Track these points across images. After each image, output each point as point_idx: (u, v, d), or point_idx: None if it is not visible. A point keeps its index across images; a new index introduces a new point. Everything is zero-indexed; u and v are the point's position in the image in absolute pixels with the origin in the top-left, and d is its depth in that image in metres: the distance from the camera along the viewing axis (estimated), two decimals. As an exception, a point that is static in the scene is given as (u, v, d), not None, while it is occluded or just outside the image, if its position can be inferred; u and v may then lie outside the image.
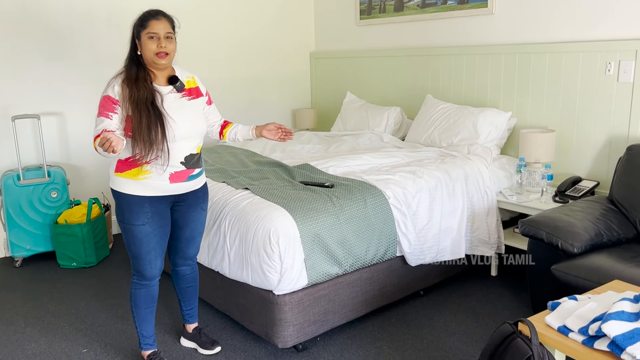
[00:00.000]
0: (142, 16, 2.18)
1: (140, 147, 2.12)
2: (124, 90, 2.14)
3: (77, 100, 4.02)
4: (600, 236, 2.51)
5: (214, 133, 2.53)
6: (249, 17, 4.76)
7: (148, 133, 2.11)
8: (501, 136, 3.53)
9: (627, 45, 2.96)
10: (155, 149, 2.13)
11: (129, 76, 2.17)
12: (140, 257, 2.26)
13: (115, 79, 2.18)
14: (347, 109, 4.51)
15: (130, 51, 2.23)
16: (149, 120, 2.11)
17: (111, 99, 2.13)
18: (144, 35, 2.15)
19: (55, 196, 3.71)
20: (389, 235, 2.76)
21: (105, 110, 2.12)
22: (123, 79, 2.17)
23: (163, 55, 2.16)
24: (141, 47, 2.17)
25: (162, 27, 2.15)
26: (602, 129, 3.15)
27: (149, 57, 2.17)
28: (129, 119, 2.13)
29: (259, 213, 2.52)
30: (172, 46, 2.19)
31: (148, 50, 2.15)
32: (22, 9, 3.73)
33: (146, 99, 2.13)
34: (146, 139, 2.11)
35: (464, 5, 3.78)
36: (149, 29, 2.14)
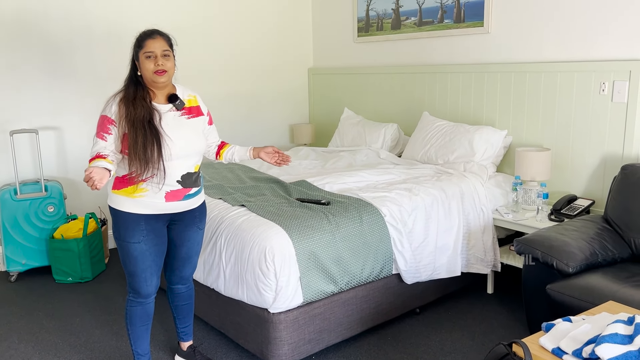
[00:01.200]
0: (138, 37, 2.21)
1: (136, 165, 2.13)
2: (120, 110, 2.16)
3: (75, 115, 4.04)
4: (595, 256, 2.52)
5: (210, 153, 2.54)
6: (248, 33, 4.80)
7: (144, 151, 2.12)
8: (497, 154, 3.55)
9: (621, 65, 2.99)
10: (151, 167, 2.14)
11: (127, 95, 2.19)
12: (136, 275, 2.26)
13: (114, 98, 2.20)
14: (344, 124, 4.54)
15: (130, 72, 2.25)
16: (145, 139, 2.12)
17: (107, 118, 2.15)
18: (142, 55, 2.17)
19: (52, 211, 3.71)
20: (385, 253, 2.77)
21: (101, 131, 2.15)
22: (121, 97, 2.19)
23: (161, 72, 2.17)
24: (140, 68, 2.19)
25: (158, 46, 2.17)
26: (597, 148, 3.17)
27: (148, 76, 2.18)
28: (126, 137, 2.14)
29: (255, 230, 2.53)
30: (170, 64, 2.21)
31: (146, 70, 2.17)
32: (22, 23, 3.76)
33: (143, 117, 2.14)
34: (142, 157, 2.12)
35: (460, 24, 3.82)
36: (145, 49, 2.17)
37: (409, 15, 4.18)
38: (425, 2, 4.03)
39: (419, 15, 4.10)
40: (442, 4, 3.91)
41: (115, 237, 2.25)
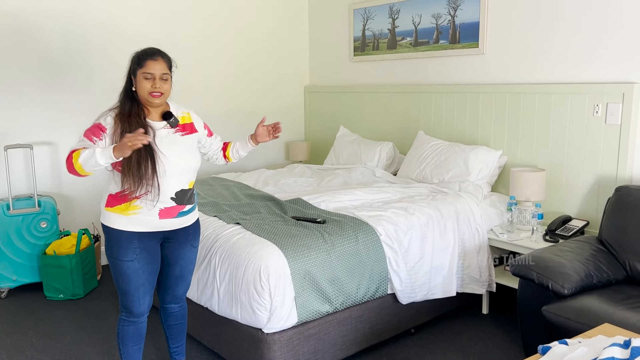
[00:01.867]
0: (139, 54, 2.20)
1: (130, 182, 2.12)
2: (115, 124, 2.16)
3: (70, 130, 4.03)
4: (590, 277, 2.52)
5: (219, 159, 2.54)
6: (245, 51, 4.83)
7: (138, 168, 2.11)
8: (492, 174, 3.56)
9: (614, 88, 3.03)
10: (145, 184, 2.13)
11: (122, 111, 2.19)
12: (129, 294, 2.24)
13: (109, 112, 2.20)
14: (340, 142, 4.55)
15: (126, 86, 2.25)
16: (139, 156, 2.11)
17: (101, 126, 2.16)
18: (140, 73, 2.17)
19: (44, 226, 3.68)
20: (380, 272, 2.76)
21: (92, 134, 2.15)
22: (117, 113, 2.19)
23: (157, 95, 2.18)
24: (136, 85, 2.19)
25: (158, 68, 2.17)
26: (591, 169, 3.19)
27: (143, 95, 2.18)
28: None
29: (250, 249, 2.51)
30: (167, 86, 2.21)
31: (142, 89, 2.17)
32: (19, 39, 3.76)
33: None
34: (135, 174, 2.11)
35: (455, 45, 3.86)
36: (145, 69, 2.16)
37: (404, 36, 4.22)
38: (421, 22, 4.07)
39: (414, 35, 4.14)
40: (438, 25, 3.96)
41: (108, 255, 2.23)
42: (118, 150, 1.99)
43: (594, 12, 3.11)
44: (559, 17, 3.27)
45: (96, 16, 4.03)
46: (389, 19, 4.32)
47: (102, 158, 2.02)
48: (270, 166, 5.17)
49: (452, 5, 3.83)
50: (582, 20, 3.17)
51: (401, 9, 4.21)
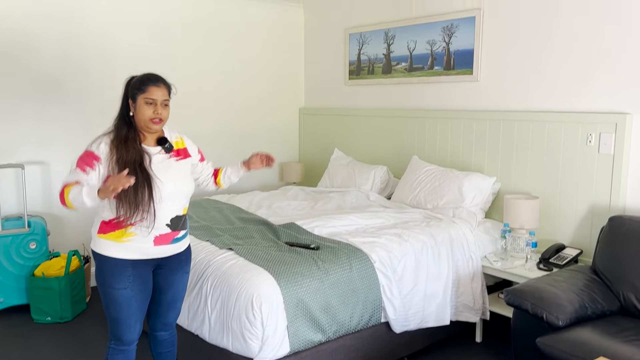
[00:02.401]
0: (141, 79, 2.18)
1: (126, 208, 2.09)
2: (111, 150, 2.13)
3: (63, 150, 4.00)
4: (584, 308, 2.51)
5: (209, 184, 2.53)
6: (241, 71, 4.84)
7: (134, 194, 2.09)
8: (486, 200, 3.56)
9: (607, 118, 3.05)
10: (141, 210, 2.11)
11: (118, 136, 2.16)
12: (120, 322, 2.19)
13: (103, 137, 2.17)
14: (334, 165, 4.55)
15: (121, 110, 2.23)
16: (136, 182, 2.09)
17: (94, 155, 2.12)
18: (141, 99, 2.15)
19: (34, 247, 3.63)
20: (374, 300, 2.73)
21: (85, 164, 2.11)
22: (112, 138, 2.16)
23: (157, 121, 2.17)
24: (135, 110, 2.17)
25: (160, 94, 2.17)
26: (585, 198, 3.20)
27: (142, 121, 2.17)
28: None
29: (243, 276, 2.48)
30: (167, 113, 2.21)
31: (143, 115, 2.16)
32: (14, 58, 3.75)
33: (134, 160, 2.12)
34: (132, 201, 2.09)
35: (450, 72, 3.89)
36: (147, 94, 2.15)
37: (399, 61, 4.25)
38: (416, 48, 4.11)
39: (409, 61, 4.18)
40: (433, 51, 3.99)
41: (100, 282, 2.19)
42: (102, 192, 1.98)
43: (587, 42, 3.15)
44: (552, 46, 3.31)
45: (92, 36, 4.03)
46: (384, 44, 4.35)
47: (88, 199, 2.01)
48: (264, 187, 5.15)
49: (446, 32, 3.87)
50: (575, 50, 3.21)
51: (396, 34, 4.24)
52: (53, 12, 3.85)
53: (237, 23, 4.76)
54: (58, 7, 3.87)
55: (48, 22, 3.84)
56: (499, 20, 3.57)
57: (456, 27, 3.80)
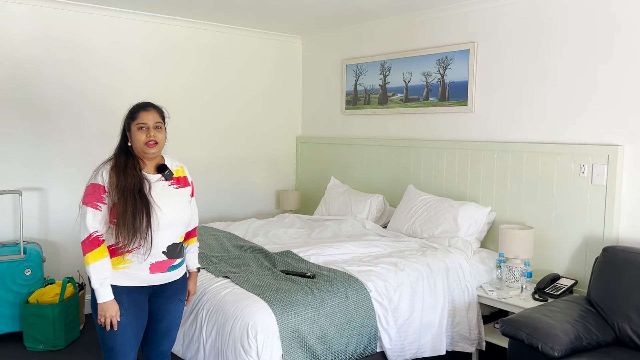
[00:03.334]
0: (132, 109, 2.25)
1: (124, 234, 2.11)
2: (111, 178, 2.15)
3: (61, 176, 4.02)
4: (579, 339, 2.51)
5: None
6: (238, 100, 4.91)
7: (133, 221, 2.10)
8: (481, 230, 3.59)
9: (599, 150, 3.10)
10: (138, 237, 2.12)
11: (117, 164, 2.19)
12: (114, 350, 2.18)
13: (104, 166, 2.20)
14: (330, 193, 4.58)
15: (121, 142, 2.27)
16: (135, 208, 2.11)
17: (101, 187, 2.14)
18: (134, 126, 2.20)
19: (29, 274, 3.61)
20: (369, 330, 2.72)
21: (95, 200, 2.13)
22: (112, 166, 2.19)
23: (152, 144, 2.20)
24: (131, 139, 2.22)
25: (151, 118, 2.21)
26: (579, 228, 3.23)
27: (138, 147, 2.20)
28: (114, 206, 2.13)
29: (238, 305, 2.48)
30: (162, 135, 2.24)
31: (138, 141, 2.19)
32: (14, 84, 3.80)
33: (133, 186, 2.15)
34: (130, 227, 2.10)
35: (444, 103, 3.96)
36: (138, 120, 2.20)
37: (395, 92, 4.33)
38: (412, 80, 4.19)
39: (405, 92, 4.25)
40: (428, 82, 4.07)
41: (95, 309, 2.19)
42: (100, 304, 2.12)
43: (579, 75, 3.23)
44: (545, 79, 3.39)
45: (90, 63, 4.10)
46: (381, 75, 4.44)
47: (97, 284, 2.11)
48: (261, 215, 5.16)
49: (441, 64, 3.96)
50: (568, 82, 3.29)
51: (392, 66, 4.33)
52: (52, 39, 3.93)
53: (237, 53, 4.85)
54: (57, 34, 3.94)
55: (47, 49, 3.91)
56: (493, 53, 3.65)
57: (451, 59, 3.89)
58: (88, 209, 2.12)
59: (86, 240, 2.10)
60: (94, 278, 2.10)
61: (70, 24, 3.98)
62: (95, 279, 2.09)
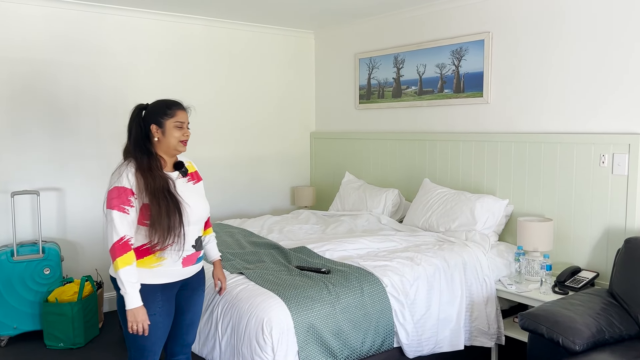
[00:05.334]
0: (166, 104, 2.22)
1: (159, 234, 2.10)
2: (138, 180, 2.12)
3: (77, 176, 4.06)
4: (601, 333, 2.45)
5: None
6: (252, 97, 4.90)
7: (167, 220, 2.10)
8: (499, 223, 3.53)
9: (620, 138, 3.03)
10: (173, 234, 2.13)
11: (141, 166, 2.14)
12: (146, 349, 2.18)
13: (127, 168, 2.13)
14: (345, 188, 4.55)
15: (138, 138, 2.19)
16: (168, 208, 2.11)
17: (127, 190, 2.09)
18: (171, 122, 2.19)
19: (48, 273, 3.65)
20: (386, 325, 2.69)
21: (122, 204, 2.08)
22: (136, 168, 2.14)
23: (185, 142, 2.23)
24: (163, 134, 2.19)
25: (186, 117, 2.25)
26: (599, 220, 3.15)
27: (172, 143, 2.19)
28: (144, 207, 2.11)
29: (253, 300, 2.47)
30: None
31: (174, 138, 2.19)
32: (30, 86, 3.85)
33: (162, 187, 2.14)
34: (165, 227, 2.10)
35: (460, 94, 3.90)
36: (177, 117, 2.20)
37: (409, 85, 4.28)
38: (426, 72, 4.14)
39: (419, 84, 4.20)
40: (442, 74, 4.01)
41: (122, 314, 2.15)
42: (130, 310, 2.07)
43: (599, 62, 3.15)
44: (562, 67, 3.31)
45: (106, 63, 4.13)
46: (394, 68, 4.39)
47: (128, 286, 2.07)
48: (276, 211, 5.16)
49: (456, 56, 3.90)
50: (586, 70, 3.21)
51: (406, 58, 4.28)
52: (68, 41, 3.96)
53: (249, 49, 4.84)
54: (73, 36, 3.97)
55: (63, 50, 3.94)
56: (508, 42, 3.58)
57: (465, 50, 3.83)
58: (115, 212, 2.07)
59: (116, 244, 2.06)
60: (125, 283, 2.05)
61: (85, 25, 4.01)
62: (127, 284, 2.05)
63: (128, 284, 2.05)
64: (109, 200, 2.09)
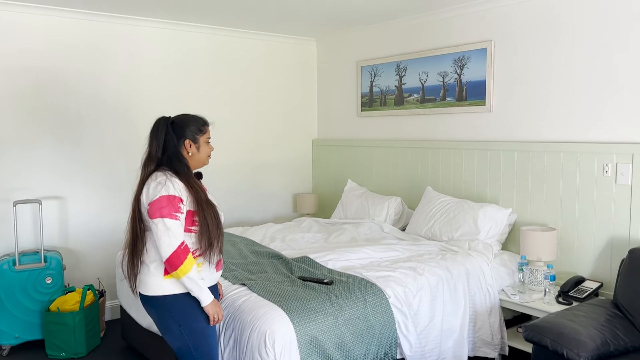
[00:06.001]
0: (201, 121, 2.33)
1: (205, 241, 2.19)
2: (188, 191, 2.19)
3: (80, 185, 4.06)
4: (606, 345, 2.43)
5: None
6: (254, 103, 4.90)
7: (214, 228, 2.21)
8: (502, 232, 3.51)
9: (623, 148, 3.01)
10: (215, 241, 2.22)
11: (185, 176, 2.21)
12: (212, 354, 2.25)
13: (171, 179, 2.16)
14: (347, 196, 4.54)
15: (175, 152, 2.24)
16: (211, 216, 2.21)
17: (176, 198, 2.13)
18: (204, 138, 2.31)
19: (49, 282, 3.65)
20: (389, 337, 2.68)
21: (173, 211, 2.12)
22: (179, 178, 2.19)
23: (210, 156, 2.37)
24: (197, 149, 2.29)
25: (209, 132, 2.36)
26: (603, 230, 3.14)
27: (203, 158, 2.32)
28: (190, 214, 2.18)
29: (256, 312, 2.46)
30: None
31: (205, 153, 2.32)
32: (33, 95, 3.85)
33: (205, 197, 2.24)
34: (214, 233, 2.21)
35: (462, 103, 3.90)
36: (207, 134, 2.33)
37: (411, 92, 4.28)
38: (428, 80, 4.13)
39: (421, 92, 4.19)
40: (445, 82, 4.01)
41: (181, 326, 2.18)
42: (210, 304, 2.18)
43: (602, 71, 3.14)
44: (566, 76, 3.30)
45: (110, 72, 4.13)
46: (396, 76, 4.39)
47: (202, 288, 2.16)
48: (278, 219, 5.15)
49: (458, 64, 3.89)
50: (590, 79, 3.20)
51: (408, 66, 4.28)
52: (71, 49, 3.96)
53: (252, 57, 4.84)
54: (76, 44, 3.98)
55: (66, 58, 3.95)
56: (511, 51, 3.58)
57: (467, 58, 3.83)
58: (168, 220, 2.10)
59: (178, 250, 2.09)
60: (199, 281, 2.13)
61: (89, 34, 4.01)
62: (200, 282, 2.14)
63: (201, 281, 2.15)
64: (158, 210, 2.10)
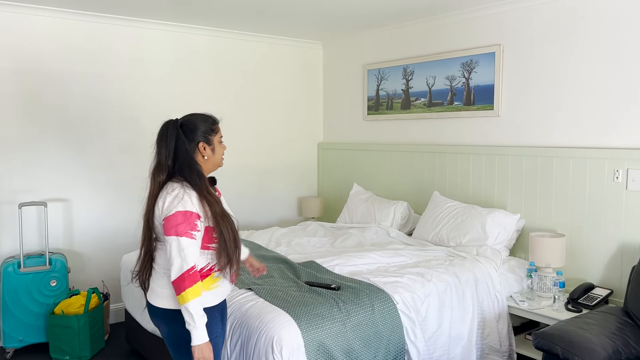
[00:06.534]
0: (211, 120, 2.12)
1: (224, 257, 2.01)
2: (203, 205, 1.98)
3: (85, 187, 4.04)
4: (618, 354, 2.40)
5: None
6: (260, 107, 4.89)
7: (232, 242, 2.03)
8: (510, 238, 3.48)
9: (634, 154, 2.98)
10: (233, 255, 2.04)
11: (200, 189, 1.99)
12: None
13: (187, 192, 1.96)
14: (353, 200, 4.51)
15: (188, 159, 2.02)
16: (229, 230, 2.03)
17: (192, 214, 1.93)
18: (216, 139, 2.10)
19: (54, 285, 3.63)
20: (397, 343, 2.65)
21: (190, 230, 1.92)
22: (195, 191, 1.99)
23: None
24: (212, 151, 2.09)
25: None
26: (613, 236, 3.11)
27: (217, 160, 2.11)
28: (208, 230, 2.00)
29: (263, 318, 2.44)
30: None
31: (219, 154, 2.10)
32: (38, 97, 3.84)
33: (222, 210, 2.04)
34: (233, 249, 2.03)
35: (470, 107, 3.87)
36: (219, 133, 2.11)
37: (418, 96, 4.25)
38: (435, 84, 4.11)
39: (428, 96, 4.17)
40: (452, 86, 3.98)
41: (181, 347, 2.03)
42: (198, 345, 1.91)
43: (613, 75, 3.11)
44: (576, 80, 3.28)
45: (113, 75, 4.12)
46: (403, 80, 4.36)
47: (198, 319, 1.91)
48: (283, 222, 5.12)
49: (466, 68, 3.87)
50: (600, 84, 3.17)
51: (415, 70, 4.26)
52: (76, 51, 3.95)
53: (257, 60, 4.83)
54: (81, 46, 3.97)
55: (71, 60, 3.94)
56: (520, 55, 3.55)
57: (476, 62, 3.80)
58: (184, 239, 1.91)
59: (186, 274, 1.90)
60: (196, 316, 1.90)
61: (94, 36, 4.00)
62: (197, 318, 1.90)
63: (198, 317, 1.90)
64: (173, 227, 1.91)
